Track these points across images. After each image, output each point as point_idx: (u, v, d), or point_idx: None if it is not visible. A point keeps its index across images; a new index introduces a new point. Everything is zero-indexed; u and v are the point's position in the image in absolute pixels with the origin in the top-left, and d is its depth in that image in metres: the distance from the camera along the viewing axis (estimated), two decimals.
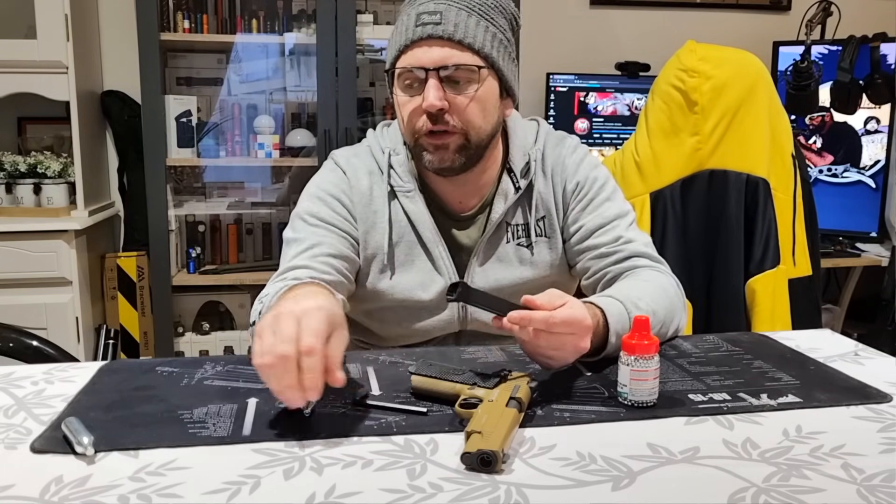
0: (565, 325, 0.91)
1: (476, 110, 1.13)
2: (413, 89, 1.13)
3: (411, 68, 1.12)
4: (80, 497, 0.68)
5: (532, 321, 0.91)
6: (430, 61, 1.11)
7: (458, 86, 1.12)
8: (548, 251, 1.25)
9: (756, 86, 1.74)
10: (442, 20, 1.10)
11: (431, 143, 1.14)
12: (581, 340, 0.93)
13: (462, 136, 1.14)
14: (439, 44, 1.10)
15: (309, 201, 1.22)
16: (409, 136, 1.17)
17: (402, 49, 1.13)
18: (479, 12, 1.12)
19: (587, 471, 0.74)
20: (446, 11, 1.11)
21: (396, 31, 1.15)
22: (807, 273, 1.83)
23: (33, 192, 2.57)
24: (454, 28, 1.10)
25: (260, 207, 2.91)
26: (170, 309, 2.64)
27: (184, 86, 2.80)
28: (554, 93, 2.93)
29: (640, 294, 1.08)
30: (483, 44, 1.12)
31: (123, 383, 0.96)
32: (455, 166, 1.16)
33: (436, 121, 1.12)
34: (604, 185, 1.25)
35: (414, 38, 1.11)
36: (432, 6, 1.11)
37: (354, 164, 1.24)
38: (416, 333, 1.25)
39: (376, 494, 0.69)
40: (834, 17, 2.73)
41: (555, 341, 0.92)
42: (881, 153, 2.83)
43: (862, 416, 0.88)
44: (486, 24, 1.13)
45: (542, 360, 0.96)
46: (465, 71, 1.11)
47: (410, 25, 1.12)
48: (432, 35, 1.10)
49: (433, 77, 1.10)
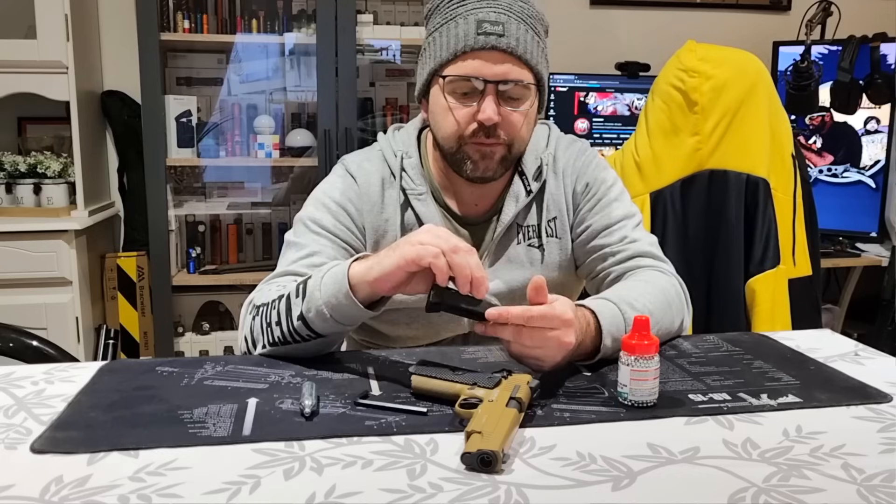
0: (544, 320, 0.91)
1: (524, 125, 1.15)
2: (465, 97, 1.13)
3: (469, 77, 1.11)
4: (80, 497, 0.68)
5: (509, 316, 0.91)
6: (491, 74, 1.10)
7: (512, 101, 1.12)
8: (558, 252, 1.25)
9: (756, 86, 1.74)
10: (505, 32, 1.09)
11: (479, 151, 1.14)
12: (564, 335, 0.93)
13: (506, 148, 1.15)
14: (501, 57, 1.10)
15: (314, 207, 1.22)
16: (452, 142, 1.15)
17: (458, 54, 1.11)
18: (531, 25, 1.12)
19: (587, 471, 0.74)
20: (507, 23, 1.10)
21: (449, 33, 1.12)
22: (807, 273, 1.83)
23: (33, 192, 2.57)
24: (516, 42, 1.10)
25: (260, 207, 2.91)
26: (170, 309, 2.64)
27: (184, 86, 2.80)
28: (554, 93, 2.93)
29: (636, 295, 1.08)
30: (538, 60, 1.13)
31: (123, 383, 0.96)
32: (495, 176, 1.17)
33: (486, 134, 1.12)
34: (612, 187, 1.26)
35: (475, 46, 1.10)
36: (493, 15, 1.10)
37: (366, 170, 1.23)
38: (425, 335, 1.25)
39: (376, 494, 0.69)
40: (834, 17, 2.73)
41: (537, 338, 0.92)
42: (881, 153, 2.83)
43: (862, 416, 0.88)
44: (537, 40, 1.13)
45: (531, 362, 0.96)
46: (521, 88, 1.12)
47: (471, 32, 1.10)
48: (496, 46, 1.09)
49: (492, 90, 1.10)
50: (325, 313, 0.99)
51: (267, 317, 1.06)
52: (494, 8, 1.11)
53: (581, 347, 0.99)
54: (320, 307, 0.99)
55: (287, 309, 1.03)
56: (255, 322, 1.08)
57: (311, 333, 1.02)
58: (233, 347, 2.78)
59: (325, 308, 0.99)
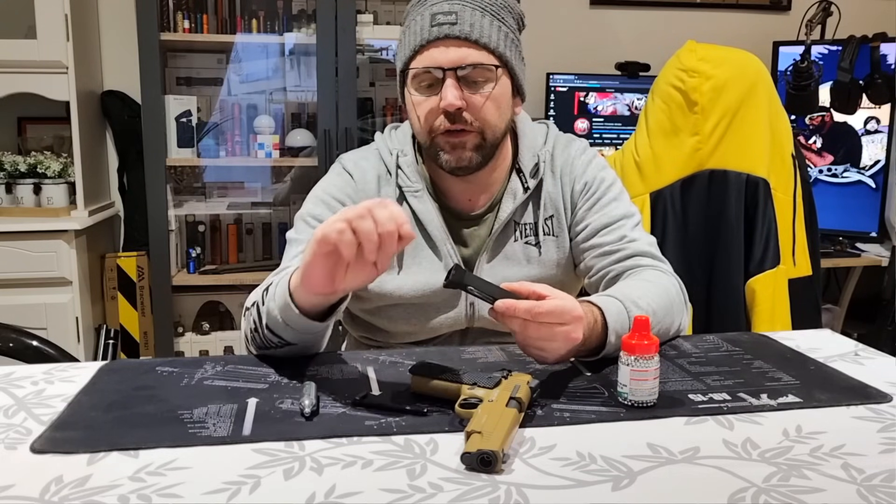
0: (551, 315, 0.91)
1: (492, 109, 1.15)
2: (429, 89, 1.14)
3: (428, 68, 1.12)
4: (80, 497, 0.68)
5: (516, 310, 0.92)
6: (447, 61, 1.11)
7: (475, 85, 1.13)
8: (555, 250, 1.26)
9: (756, 86, 1.74)
10: (458, 20, 1.11)
11: (448, 142, 1.15)
12: (572, 331, 0.93)
13: (478, 135, 1.15)
14: (456, 44, 1.11)
15: (312, 203, 1.24)
16: (424, 136, 1.17)
17: (416, 49, 1.13)
18: (491, 12, 1.14)
19: (587, 471, 0.74)
20: (461, 11, 1.12)
21: (409, 32, 1.15)
22: (807, 273, 1.83)
23: (33, 192, 2.57)
24: (470, 28, 1.11)
25: (260, 207, 2.91)
26: (170, 309, 2.64)
27: (184, 86, 2.80)
28: (554, 93, 2.93)
29: (640, 294, 1.09)
30: (498, 43, 1.13)
31: (123, 383, 0.96)
32: (472, 165, 1.17)
33: (454, 120, 1.13)
34: (611, 186, 1.26)
35: (430, 38, 1.12)
36: (447, 6, 1.12)
37: (363, 167, 1.25)
38: (423, 331, 1.25)
39: (376, 494, 0.69)
40: (834, 17, 2.73)
41: (544, 332, 0.92)
42: (881, 153, 2.83)
43: (862, 416, 0.88)
44: (498, 24, 1.14)
45: (535, 353, 0.96)
46: (481, 70, 1.13)
47: (426, 25, 1.12)
48: (449, 35, 1.11)
49: (451, 77, 1.11)
50: (281, 322, 1.00)
51: (249, 322, 1.08)
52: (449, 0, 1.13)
53: (587, 344, 0.99)
54: (276, 316, 1.00)
55: (258, 317, 1.05)
56: (245, 324, 1.11)
57: (282, 341, 1.03)
58: (233, 347, 2.78)
59: (280, 317, 1.00)
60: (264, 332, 1.03)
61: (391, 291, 1.22)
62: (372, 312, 1.27)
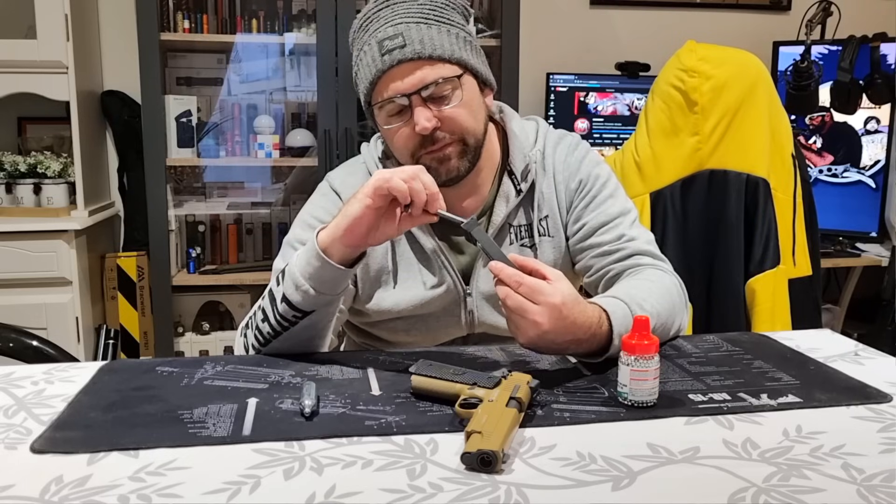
0: (527, 289, 0.92)
1: (465, 115, 1.14)
2: (399, 116, 1.13)
3: (391, 98, 1.11)
4: (80, 497, 0.68)
5: (502, 272, 0.94)
6: (408, 87, 1.10)
7: (443, 99, 1.12)
8: (551, 250, 1.25)
9: (756, 86, 1.74)
10: (405, 41, 1.09)
11: (434, 158, 1.14)
12: (538, 314, 0.92)
13: (459, 143, 1.14)
14: (411, 67, 1.09)
15: (300, 228, 1.22)
16: (407, 159, 1.16)
17: (374, 82, 1.12)
18: (435, 20, 1.12)
19: (587, 471, 0.74)
20: (406, 31, 1.09)
21: (362, 65, 1.14)
22: (807, 273, 1.83)
23: (33, 192, 2.57)
24: (421, 45, 1.09)
25: (260, 207, 2.91)
26: (170, 309, 2.64)
27: (184, 86, 2.80)
28: (554, 93, 2.93)
29: (644, 295, 1.08)
30: (452, 50, 1.11)
31: (123, 383, 0.96)
32: (461, 172, 1.16)
33: (432, 140, 1.12)
34: (606, 183, 1.25)
35: (384, 68, 1.10)
36: (391, 30, 1.10)
37: (350, 184, 1.22)
38: (424, 340, 1.25)
39: (376, 494, 0.69)
40: (834, 17, 2.73)
41: (518, 306, 0.93)
42: (881, 153, 2.83)
43: (862, 416, 0.88)
44: (446, 29, 1.12)
45: (511, 327, 0.97)
46: (444, 85, 1.11)
47: (376, 56, 1.11)
48: (402, 59, 1.09)
49: (417, 100, 1.10)
50: (304, 285, 1.01)
51: (254, 320, 1.08)
52: (391, 22, 1.11)
53: (594, 342, 0.99)
54: (298, 280, 1.01)
55: (271, 300, 1.05)
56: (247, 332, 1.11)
57: (297, 313, 1.03)
58: (233, 347, 2.78)
59: (304, 279, 1.01)
60: (277, 312, 1.04)
61: (390, 308, 1.21)
62: (373, 325, 1.27)
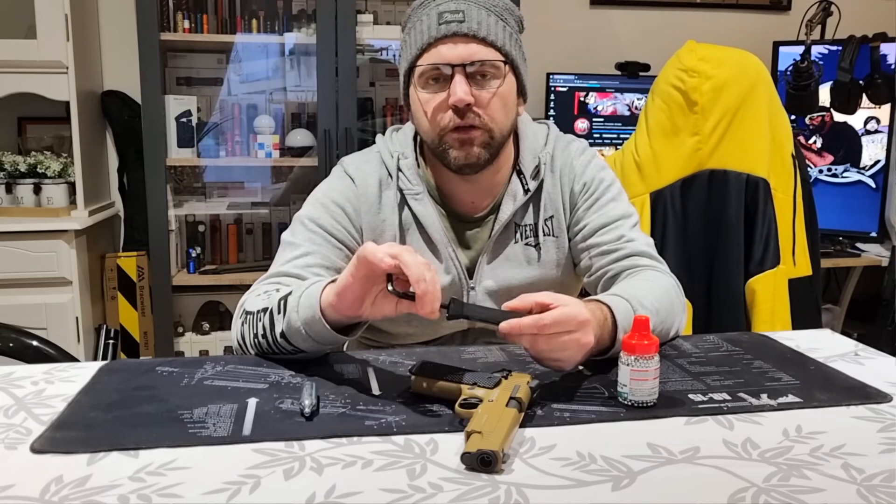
0: (558, 325, 0.91)
1: (499, 106, 1.15)
2: (437, 85, 1.15)
3: (437, 65, 1.13)
4: (80, 497, 0.68)
5: (521, 328, 0.91)
6: (456, 57, 1.12)
7: (483, 81, 1.14)
8: (555, 250, 1.26)
9: (756, 86, 1.75)
10: (465, 18, 1.13)
11: (458, 139, 1.15)
12: (582, 336, 0.92)
13: (486, 133, 1.15)
14: (464, 40, 1.13)
15: (312, 206, 1.23)
16: (432, 134, 1.17)
17: (424, 47, 1.14)
18: (496, 13, 1.15)
19: (587, 471, 0.74)
20: (468, 10, 1.13)
21: (415, 31, 1.16)
22: (807, 273, 1.83)
23: (33, 192, 2.57)
24: (478, 25, 1.13)
25: (260, 207, 2.91)
26: (170, 309, 2.64)
27: (184, 86, 2.80)
28: (554, 93, 2.93)
29: (644, 294, 1.09)
30: (504, 41, 1.15)
31: (123, 383, 0.96)
32: (480, 162, 1.17)
33: (462, 115, 1.13)
34: (609, 187, 1.26)
35: (438, 36, 1.12)
36: (453, 5, 1.13)
37: (364, 171, 1.25)
38: (425, 332, 1.25)
39: (376, 494, 0.69)
40: (834, 17, 2.73)
41: (555, 343, 0.92)
42: (881, 153, 2.83)
43: (862, 416, 0.88)
44: (503, 24, 1.16)
45: (552, 364, 0.95)
46: (489, 67, 1.14)
47: (433, 24, 1.13)
48: (457, 32, 1.12)
49: (460, 72, 1.12)
50: (303, 334, 1.00)
51: (253, 327, 1.08)
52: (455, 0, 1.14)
53: (599, 343, 0.98)
54: (298, 328, 1.00)
55: (271, 324, 1.04)
56: (245, 328, 1.10)
57: (295, 349, 1.03)
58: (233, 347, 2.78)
59: (303, 329, 1.00)
60: (276, 340, 1.03)
61: None
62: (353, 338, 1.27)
